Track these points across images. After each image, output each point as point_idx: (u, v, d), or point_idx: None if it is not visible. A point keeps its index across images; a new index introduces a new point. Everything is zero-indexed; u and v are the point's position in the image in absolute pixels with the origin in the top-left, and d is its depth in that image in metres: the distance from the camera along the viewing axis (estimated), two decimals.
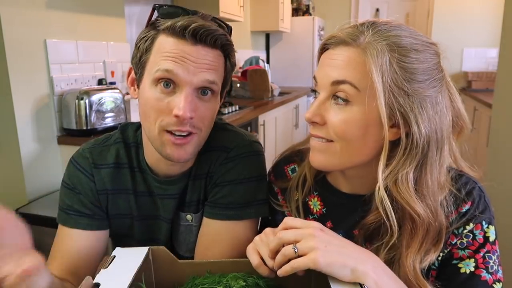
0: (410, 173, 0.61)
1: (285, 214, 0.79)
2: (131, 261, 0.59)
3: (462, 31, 4.51)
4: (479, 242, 0.65)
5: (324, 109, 0.63)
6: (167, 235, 0.85)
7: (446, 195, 0.65)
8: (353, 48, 0.61)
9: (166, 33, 0.69)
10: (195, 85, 0.69)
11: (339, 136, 0.62)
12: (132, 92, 0.78)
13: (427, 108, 0.60)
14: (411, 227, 0.62)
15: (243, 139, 0.83)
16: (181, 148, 0.71)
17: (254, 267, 0.59)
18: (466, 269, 0.64)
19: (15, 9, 1.55)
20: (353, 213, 0.71)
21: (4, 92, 1.55)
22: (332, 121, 0.62)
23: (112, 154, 0.82)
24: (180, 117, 0.67)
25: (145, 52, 0.71)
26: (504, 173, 1.67)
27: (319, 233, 0.55)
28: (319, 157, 0.66)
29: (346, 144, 0.62)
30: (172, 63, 0.67)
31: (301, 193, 0.76)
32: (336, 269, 0.52)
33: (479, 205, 0.66)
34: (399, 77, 0.59)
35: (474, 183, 0.68)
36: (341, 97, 0.61)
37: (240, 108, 2.65)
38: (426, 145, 0.60)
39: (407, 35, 0.61)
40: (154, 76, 0.69)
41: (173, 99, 0.68)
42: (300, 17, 4.67)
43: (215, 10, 2.77)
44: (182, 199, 0.83)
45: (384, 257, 0.63)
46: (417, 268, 0.62)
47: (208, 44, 0.69)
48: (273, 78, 4.23)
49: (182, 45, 0.68)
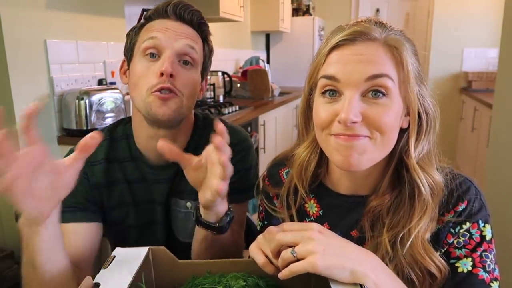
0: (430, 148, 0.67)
1: (280, 220, 0.78)
2: (131, 261, 0.59)
3: (462, 31, 4.51)
4: (476, 241, 0.65)
5: (360, 106, 0.60)
6: (162, 218, 0.90)
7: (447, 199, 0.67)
8: (377, 42, 0.62)
9: (152, 19, 0.82)
10: (176, 49, 0.79)
11: (380, 130, 0.61)
12: (123, 79, 0.87)
13: (427, 91, 0.66)
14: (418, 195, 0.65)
15: (241, 134, 0.94)
16: (164, 105, 0.78)
17: (260, 266, 0.59)
18: (464, 268, 0.64)
19: (15, 9, 1.55)
20: (351, 214, 0.71)
21: (4, 92, 1.55)
22: (374, 116, 0.60)
23: (102, 151, 0.87)
24: (164, 74, 0.76)
25: (134, 36, 0.83)
26: (504, 173, 1.67)
27: (318, 235, 0.55)
28: (359, 158, 0.61)
29: (385, 137, 0.62)
30: (156, 32, 0.79)
31: (293, 203, 0.75)
32: (335, 272, 0.52)
33: (475, 204, 0.66)
34: (418, 67, 0.64)
35: (470, 183, 0.68)
36: (380, 90, 0.60)
37: (240, 108, 2.65)
38: (433, 123, 0.66)
39: (401, 30, 0.66)
40: (142, 49, 0.79)
41: (158, 63, 0.79)
42: (300, 17, 4.67)
43: (215, 10, 2.77)
44: (175, 183, 0.89)
45: (389, 238, 0.64)
46: (425, 238, 0.63)
47: (187, 21, 0.82)
48: (273, 78, 4.23)
49: (165, 21, 0.81)
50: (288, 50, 4.65)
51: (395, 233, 0.64)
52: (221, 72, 3.09)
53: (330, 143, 0.63)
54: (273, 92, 3.42)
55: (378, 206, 0.67)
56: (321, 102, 0.64)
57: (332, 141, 0.62)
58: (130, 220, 0.90)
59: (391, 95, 0.61)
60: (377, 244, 0.66)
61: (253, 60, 3.90)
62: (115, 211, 0.89)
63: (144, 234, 0.91)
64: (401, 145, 0.67)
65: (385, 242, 0.64)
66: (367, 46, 0.61)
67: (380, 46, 0.61)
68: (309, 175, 0.73)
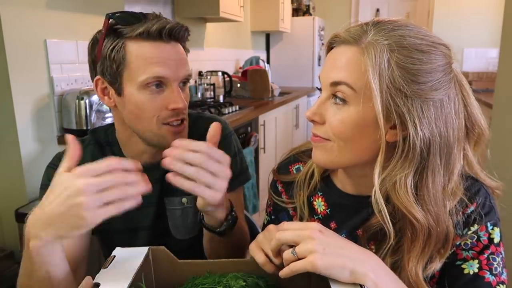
0: (409, 177, 0.59)
1: (289, 213, 0.79)
2: (131, 261, 0.59)
3: (462, 31, 4.51)
4: (484, 243, 0.64)
5: (324, 108, 0.64)
6: (151, 221, 0.88)
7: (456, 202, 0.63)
8: (354, 48, 0.61)
9: (138, 40, 0.75)
10: (179, 80, 0.79)
11: (336, 136, 0.63)
12: (106, 101, 0.83)
13: (428, 111, 0.58)
14: (411, 232, 0.61)
15: (221, 123, 0.93)
16: (179, 135, 0.80)
17: (260, 265, 0.59)
18: (470, 270, 0.64)
19: (15, 9, 1.55)
20: (358, 214, 0.71)
21: (4, 92, 1.55)
22: (330, 120, 0.63)
23: (88, 155, 0.86)
24: (179, 109, 0.77)
25: (122, 61, 0.76)
26: (504, 173, 1.66)
27: (318, 235, 0.55)
28: (319, 155, 0.66)
29: (343, 143, 0.62)
30: (159, 68, 0.75)
31: (306, 189, 0.76)
32: (335, 271, 0.52)
33: (484, 206, 0.65)
34: (398, 78, 0.57)
35: (480, 185, 0.67)
36: (338, 97, 0.61)
37: (240, 108, 2.65)
38: (425, 149, 0.58)
39: (412, 35, 0.59)
40: (143, 82, 0.75)
41: (165, 96, 0.77)
42: (300, 17, 4.67)
43: (215, 10, 2.77)
44: (165, 182, 0.86)
45: (390, 262, 0.63)
46: (419, 275, 0.61)
47: (177, 39, 0.79)
48: (273, 78, 4.23)
49: (160, 47, 0.76)
50: (288, 50, 4.65)
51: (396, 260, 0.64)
52: (221, 72, 3.09)
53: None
54: (273, 92, 3.42)
55: (376, 227, 0.64)
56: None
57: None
58: (116, 225, 0.88)
59: (351, 104, 0.60)
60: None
61: (253, 60, 3.90)
62: None
63: (131, 239, 0.89)
64: None
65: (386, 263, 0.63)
66: (343, 52, 0.62)
67: (356, 52, 0.60)
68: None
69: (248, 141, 2.62)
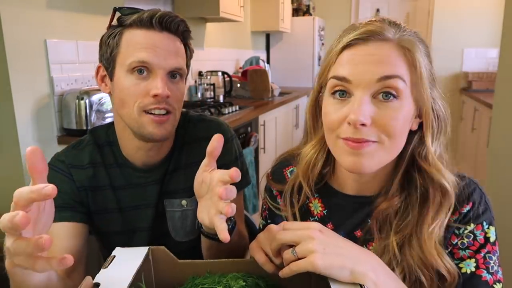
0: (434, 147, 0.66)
1: (284, 218, 0.78)
2: (131, 261, 0.59)
3: (462, 31, 4.51)
4: (480, 242, 0.65)
5: (370, 108, 0.59)
6: (150, 223, 0.88)
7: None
8: (390, 43, 0.60)
9: (133, 27, 0.78)
10: (166, 69, 0.78)
11: (389, 135, 0.59)
12: (103, 87, 0.85)
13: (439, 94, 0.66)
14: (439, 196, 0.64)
15: (222, 127, 0.94)
16: (161, 126, 0.78)
17: (260, 265, 0.59)
18: (467, 269, 0.64)
19: (15, 9, 1.55)
20: (356, 214, 0.71)
21: (4, 92, 1.55)
22: (383, 120, 0.59)
23: (86, 156, 0.87)
24: (159, 96, 0.76)
25: (115, 46, 0.79)
26: (504, 174, 1.67)
27: (318, 234, 0.55)
28: (366, 162, 0.60)
29: (393, 141, 0.60)
30: (145, 53, 0.76)
31: (297, 203, 0.75)
32: (334, 271, 0.52)
33: (480, 206, 0.66)
34: (430, 68, 0.63)
35: (475, 185, 0.68)
36: (391, 92, 0.59)
37: (240, 108, 2.65)
38: (445, 128, 0.66)
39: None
40: (129, 66, 0.77)
41: (149, 82, 0.77)
42: (300, 17, 4.67)
43: (215, 10, 2.77)
44: (165, 184, 0.88)
45: (397, 240, 0.64)
46: (434, 237, 0.63)
47: (172, 31, 0.79)
48: (273, 78, 4.23)
49: (151, 34, 0.77)
50: (288, 50, 4.65)
51: (404, 236, 0.64)
52: (221, 72, 3.09)
53: (338, 146, 0.62)
54: (273, 92, 3.42)
55: (388, 208, 0.66)
56: (331, 103, 0.63)
57: (341, 145, 0.62)
58: (114, 226, 0.88)
59: (402, 97, 0.59)
60: (384, 246, 0.65)
61: (253, 60, 3.90)
62: (98, 216, 0.87)
63: (130, 240, 0.89)
64: (412, 146, 0.65)
65: (393, 245, 0.63)
66: (380, 47, 0.60)
67: (393, 47, 0.60)
68: (315, 174, 0.73)
69: (248, 141, 2.62)
